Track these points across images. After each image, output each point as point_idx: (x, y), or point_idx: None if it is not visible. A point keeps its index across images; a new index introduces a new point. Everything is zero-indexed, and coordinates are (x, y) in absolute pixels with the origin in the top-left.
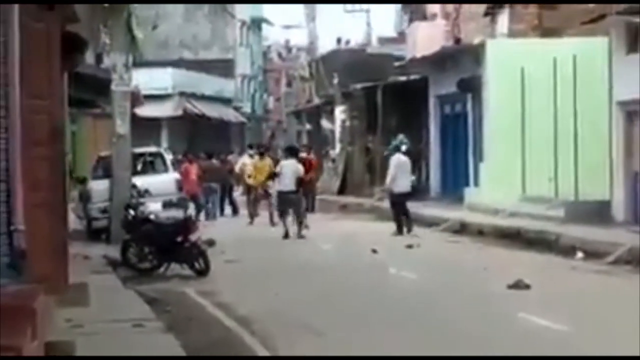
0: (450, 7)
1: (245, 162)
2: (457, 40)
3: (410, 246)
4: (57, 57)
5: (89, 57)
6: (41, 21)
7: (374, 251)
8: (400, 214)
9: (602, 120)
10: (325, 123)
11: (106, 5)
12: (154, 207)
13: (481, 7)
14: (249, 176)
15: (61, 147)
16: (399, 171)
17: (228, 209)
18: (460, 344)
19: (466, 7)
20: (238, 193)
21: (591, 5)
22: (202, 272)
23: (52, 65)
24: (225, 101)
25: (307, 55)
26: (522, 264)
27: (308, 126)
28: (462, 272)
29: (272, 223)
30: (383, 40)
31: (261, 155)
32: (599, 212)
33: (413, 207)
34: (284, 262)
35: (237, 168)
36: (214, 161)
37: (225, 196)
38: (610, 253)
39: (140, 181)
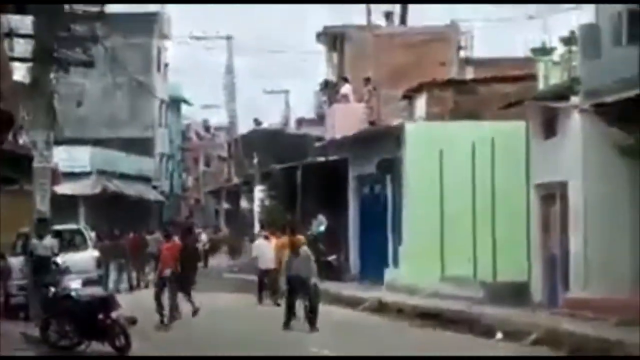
0: (364, 89)
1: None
2: (372, 123)
3: None
4: None
5: None
6: None
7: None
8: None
9: (519, 203)
10: (244, 203)
11: (29, 82)
12: (74, 284)
13: (399, 91)
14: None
15: None
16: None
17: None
18: None
19: (384, 91)
20: None
21: (509, 90)
22: (123, 349)
23: None
24: (144, 179)
25: (227, 135)
26: (442, 344)
27: (226, 205)
28: (380, 351)
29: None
30: (302, 121)
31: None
32: (517, 293)
33: (332, 287)
34: None
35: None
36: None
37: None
38: (529, 333)
39: (60, 258)
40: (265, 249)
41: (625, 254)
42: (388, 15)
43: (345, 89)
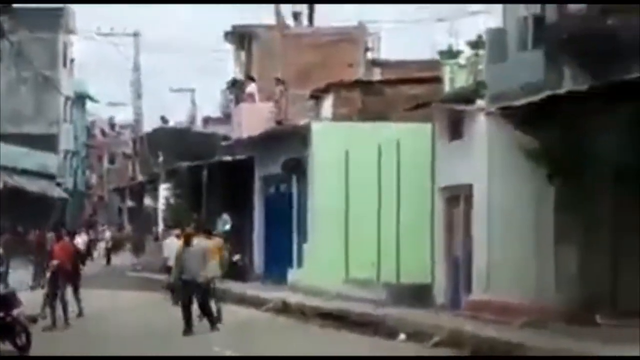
0: (276, 89)
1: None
2: (280, 122)
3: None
4: None
5: None
6: None
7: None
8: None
9: (424, 205)
10: (148, 201)
11: None
12: None
13: (306, 90)
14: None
15: None
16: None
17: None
18: None
19: (291, 90)
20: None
21: (416, 92)
22: (24, 348)
23: None
24: (48, 176)
25: (132, 133)
26: (347, 346)
27: (130, 203)
28: (284, 353)
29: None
30: (208, 120)
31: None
32: (421, 295)
33: (236, 287)
34: None
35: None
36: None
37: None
38: (432, 335)
39: None
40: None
41: (528, 257)
42: (296, 15)
43: (251, 88)
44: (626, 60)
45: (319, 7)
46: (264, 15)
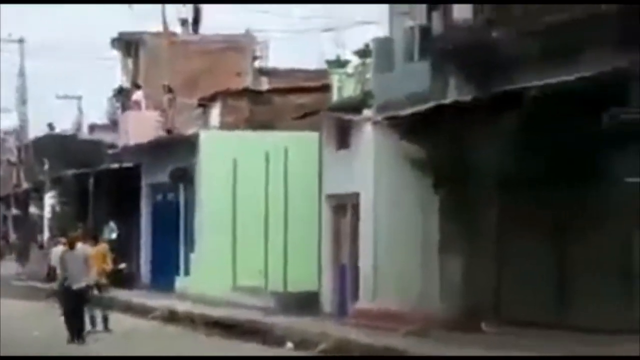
0: (163, 97)
1: None
2: (169, 131)
3: None
4: None
5: None
6: None
7: None
8: None
9: (312, 213)
10: (33, 209)
11: None
12: None
13: (194, 99)
14: None
15: None
16: None
17: None
18: None
19: (179, 99)
20: None
21: (303, 101)
22: None
23: None
24: None
25: (16, 140)
26: (235, 354)
27: (15, 211)
28: None
29: None
30: (95, 127)
31: None
32: (308, 303)
33: (122, 295)
34: None
35: None
36: None
37: None
38: (318, 343)
39: None
40: None
41: (414, 266)
42: (184, 22)
43: (137, 95)
44: (509, 72)
45: (206, 15)
46: (152, 22)
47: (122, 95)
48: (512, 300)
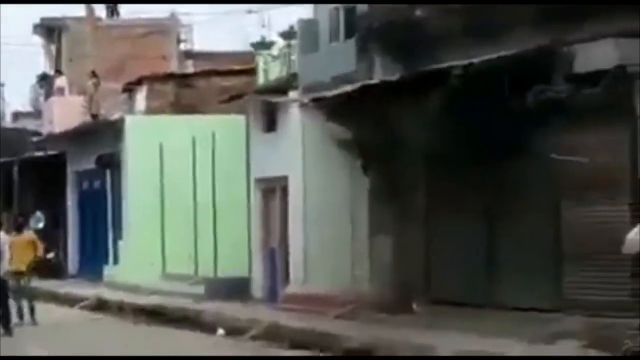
0: (88, 83)
1: None
2: (95, 116)
3: None
4: None
5: None
6: None
7: None
8: None
9: (241, 197)
10: None
11: None
12: None
13: (119, 84)
14: None
15: None
16: None
17: None
18: None
19: (104, 84)
20: None
21: (229, 84)
22: None
23: None
24: None
25: None
26: (166, 341)
27: None
28: (101, 350)
29: None
30: (18, 115)
31: None
32: (239, 289)
33: (50, 285)
34: None
35: None
36: None
37: None
38: (248, 329)
39: None
40: None
41: (344, 248)
42: (108, 7)
43: (61, 81)
44: (434, 50)
45: None
46: (74, 7)
47: (45, 82)
48: (442, 280)
